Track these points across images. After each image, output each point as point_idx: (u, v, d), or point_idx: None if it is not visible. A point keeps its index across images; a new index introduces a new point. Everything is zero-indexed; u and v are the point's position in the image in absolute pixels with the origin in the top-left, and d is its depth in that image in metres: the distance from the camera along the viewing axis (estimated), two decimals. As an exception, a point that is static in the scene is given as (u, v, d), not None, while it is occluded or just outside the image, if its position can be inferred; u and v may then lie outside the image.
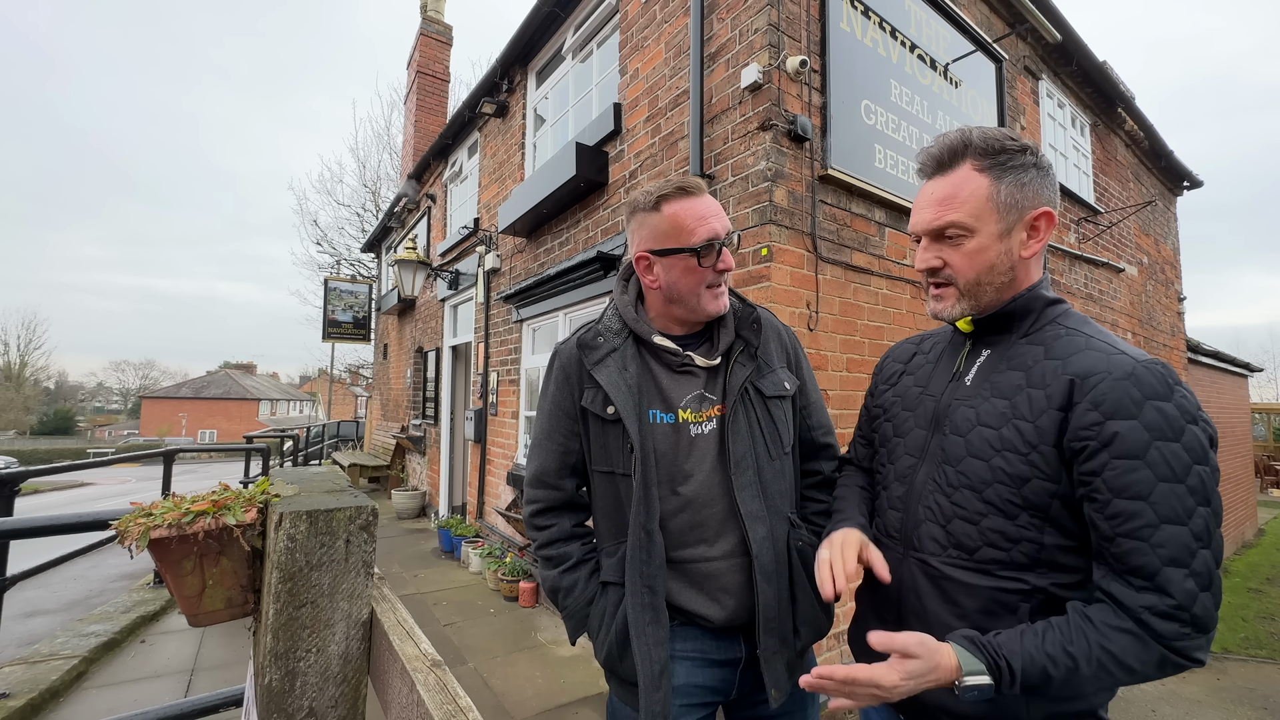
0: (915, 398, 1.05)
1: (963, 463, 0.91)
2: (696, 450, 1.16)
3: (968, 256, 0.92)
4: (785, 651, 1.13)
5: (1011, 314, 0.94)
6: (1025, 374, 0.89)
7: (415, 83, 10.54)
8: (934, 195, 0.94)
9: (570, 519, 1.23)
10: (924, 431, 1.00)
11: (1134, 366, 0.80)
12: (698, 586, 1.14)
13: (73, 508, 10.34)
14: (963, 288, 0.94)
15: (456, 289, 6.93)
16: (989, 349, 0.97)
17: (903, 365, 1.14)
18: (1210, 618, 0.75)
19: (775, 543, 1.14)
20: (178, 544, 0.99)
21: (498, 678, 3.26)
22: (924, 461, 0.98)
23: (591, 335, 1.21)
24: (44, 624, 4.22)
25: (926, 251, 0.96)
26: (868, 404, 1.21)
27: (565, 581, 1.17)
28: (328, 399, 26.89)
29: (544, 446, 1.23)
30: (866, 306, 3.19)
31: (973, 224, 0.90)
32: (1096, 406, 0.80)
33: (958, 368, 1.01)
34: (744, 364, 1.18)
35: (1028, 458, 0.84)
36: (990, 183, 0.90)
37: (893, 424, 1.08)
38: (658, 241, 1.15)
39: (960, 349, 1.02)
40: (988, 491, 0.88)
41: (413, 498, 7.95)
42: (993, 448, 0.88)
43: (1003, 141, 0.91)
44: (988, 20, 4.32)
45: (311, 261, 25.35)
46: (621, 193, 3.89)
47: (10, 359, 50.38)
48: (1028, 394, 0.87)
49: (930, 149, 0.96)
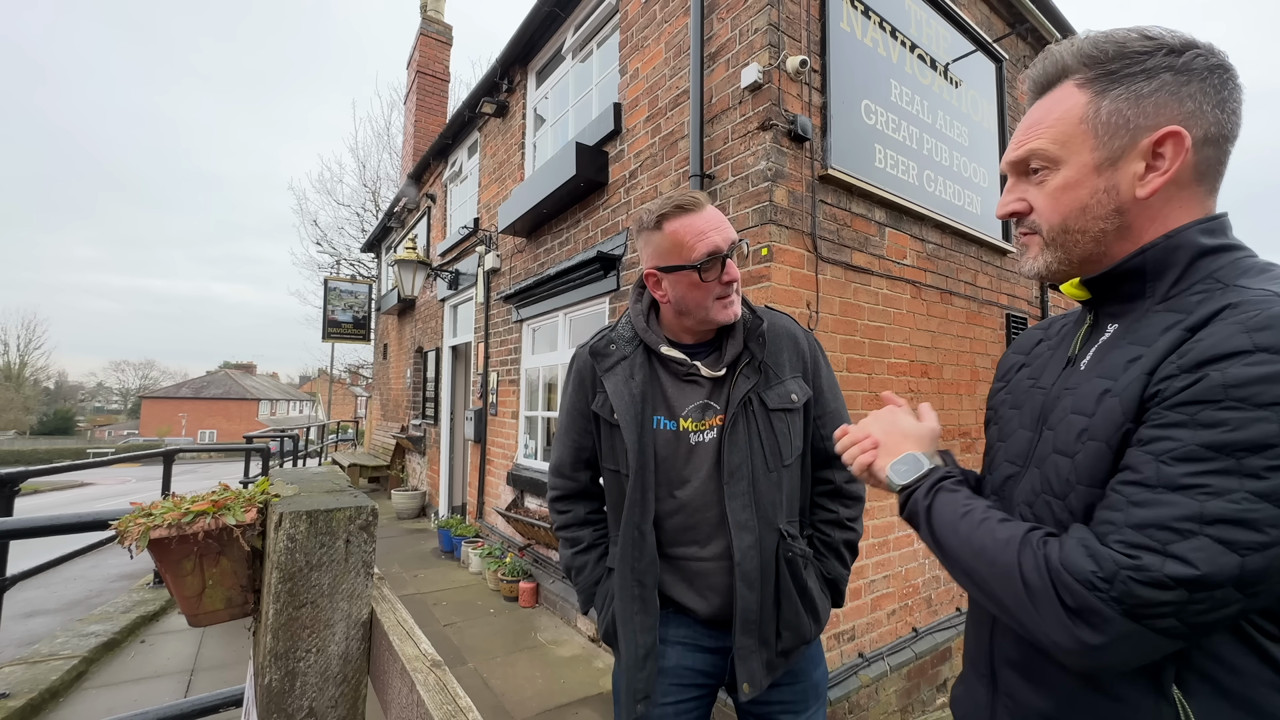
0: (1025, 392, 0.84)
1: (1046, 462, 0.72)
2: (695, 458, 1.21)
3: (1051, 196, 0.71)
4: (764, 651, 1.18)
5: (1135, 272, 0.69)
6: (1146, 345, 0.65)
7: (415, 83, 10.54)
8: (1030, 119, 0.74)
9: (585, 506, 1.35)
10: (1029, 433, 0.79)
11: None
12: (688, 582, 1.22)
13: (73, 508, 10.32)
14: (1047, 236, 0.73)
15: (456, 289, 6.93)
16: (1115, 322, 0.73)
17: (1023, 356, 0.92)
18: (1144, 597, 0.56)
19: (763, 551, 1.17)
20: (178, 544, 0.99)
21: (498, 678, 3.26)
22: (1026, 470, 0.77)
23: (604, 343, 1.28)
24: (44, 624, 4.22)
25: (1008, 193, 0.77)
26: (989, 405, 0.98)
27: (577, 562, 1.31)
28: (328, 399, 26.90)
29: (562, 441, 1.34)
30: (866, 306, 3.19)
31: (1057, 152, 0.70)
32: (1187, 354, 0.59)
33: (1073, 350, 0.79)
34: (748, 376, 1.20)
35: (1108, 442, 0.64)
36: (1090, 98, 0.68)
37: (999, 427, 0.88)
38: (662, 259, 1.19)
39: (1079, 326, 0.80)
40: (1071, 498, 0.67)
41: (413, 498, 7.95)
42: (1078, 440, 0.68)
43: (1123, 43, 0.67)
44: (988, 20, 4.32)
45: (311, 261, 25.44)
46: (621, 192, 3.89)
47: (10, 359, 50.42)
48: (1134, 366, 0.64)
49: (1032, 70, 0.76)
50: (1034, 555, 0.62)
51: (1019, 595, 0.62)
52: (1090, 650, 0.58)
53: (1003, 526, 0.68)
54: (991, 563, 0.65)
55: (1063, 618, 0.58)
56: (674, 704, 1.20)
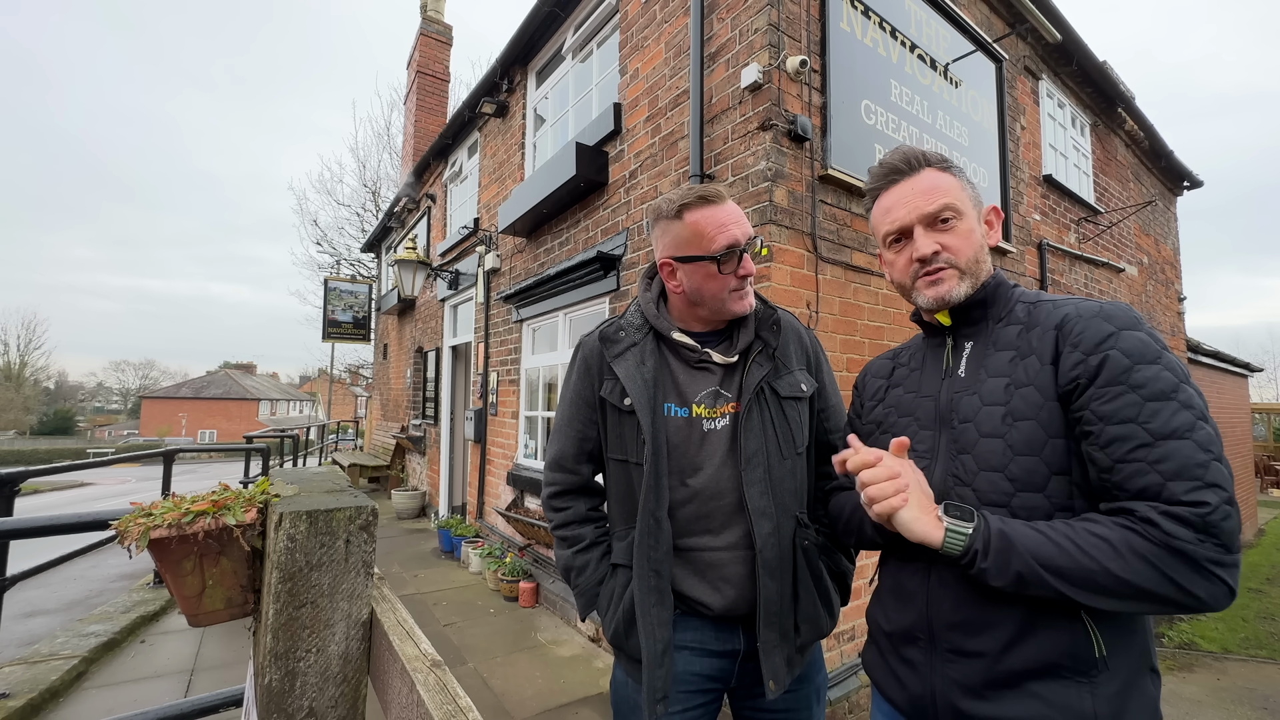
0: (911, 403, 1.05)
1: (977, 446, 0.90)
2: (708, 444, 1.19)
3: (963, 237, 0.96)
4: (785, 646, 1.15)
5: (985, 300, 0.99)
6: (1014, 349, 0.92)
7: (415, 83, 10.54)
8: (915, 189, 0.98)
9: (585, 503, 1.30)
10: (930, 432, 0.99)
11: (1101, 305, 0.86)
12: (700, 574, 1.18)
13: (73, 508, 10.33)
14: (964, 267, 0.96)
15: (456, 289, 6.93)
16: (970, 341, 1.00)
17: (885, 380, 1.14)
18: (1229, 530, 0.71)
19: (781, 539, 1.16)
20: (178, 544, 0.99)
21: (498, 678, 3.26)
22: (937, 461, 0.96)
23: (614, 329, 1.27)
24: (44, 624, 4.22)
25: (925, 238, 0.97)
26: (855, 426, 1.18)
27: (578, 561, 1.24)
28: (328, 399, 26.90)
29: (564, 433, 1.30)
30: (866, 306, 3.19)
31: (961, 207, 0.97)
32: (1076, 346, 0.84)
33: (946, 365, 1.02)
34: (761, 364, 1.20)
35: (1037, 419, 0.85)
36: (955, 178, 0.99)
37: (892, 434, 1.03)
38: (680, 249, 1.19)
39: (943, 348, 1.04)
40: (1011, 467, 0.86)
41: (413, 498, 7.95)
42: (1004, 423, 0.88)
43: (943, 155, 1.02)
44: (988, 20, 4.32)
45: (311, 261, 25.43)
46: (621, 192, 3.89)
47: (10, 359, 50.39)
48: (1022, 364, 0.90)
49: (891, 160, 1.02)
50: (1145, 543, 0.73)
51: (1157, 580, 0.73)
52: (1231, 592, 0.72)
53: (1089, 535, 0.77)
54: (1114, 570, 0.74)
55: (1202, 581, 0.72)
56: (680, 712, 1.16)
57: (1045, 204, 4.91)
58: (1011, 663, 0.84)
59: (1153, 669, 0.86)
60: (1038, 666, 0.83)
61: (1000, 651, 0.85)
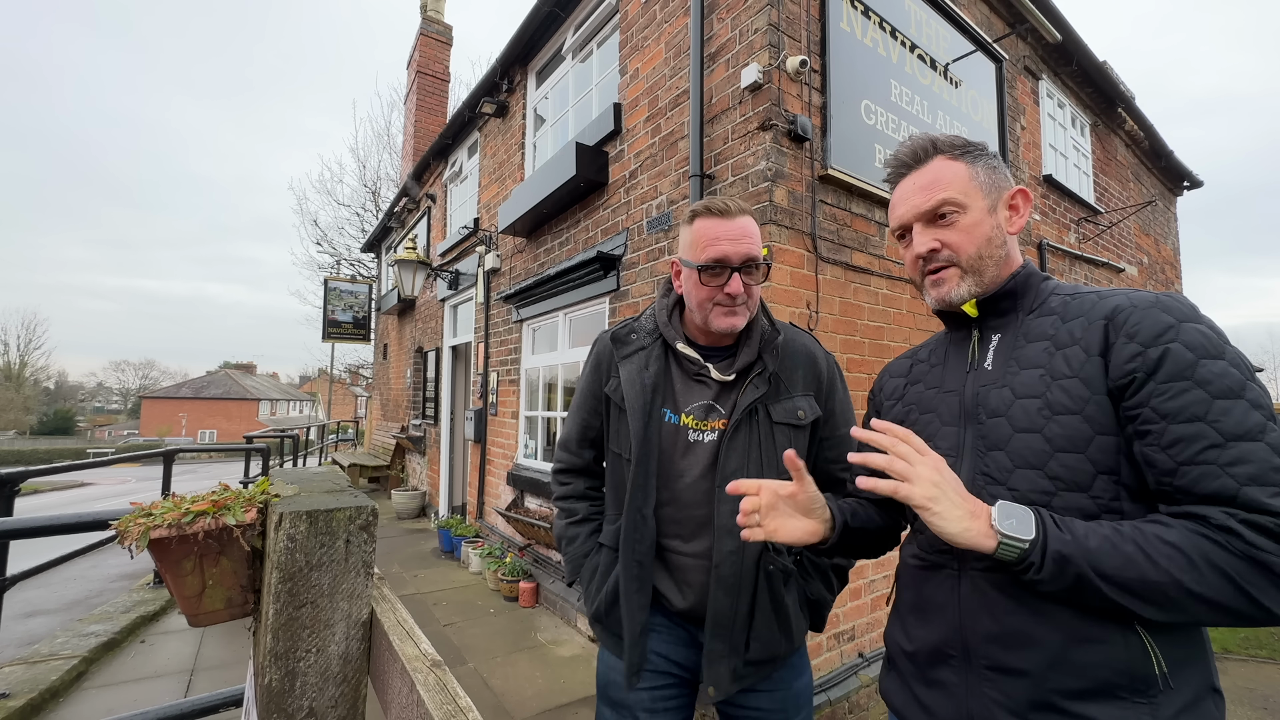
0: (932, 399, 0.97)
1: (1011, 442, 0.83)
2: (691, 455, 1.23)
3: (965, 232, 0.91)
4: (732, 658, 1.18)
5: (1015, 291, 0.92)
6: (1049, 341, 0.85)
7: (415, 83, 10.54)
8: (917, 184, 0.94)
9: (584, 481, 1.42)
10: (954, 428, 0.92)
11: (1158, 296, 0.78)
12: (669, 573, 1.25)
13: (73, 508, 10.34)
14: (965, 264, 0.91)
15: (456, 289, 6.93)
16: (998, 333, 0.92)
17: (903, 378, 1.08)
18: None
19: (744, 559, 1.17)
20: (178, 544, 0.99)
21: (498, 678, 3.26)
22: (963, 458, 0.88)
23: (626, 331, 1.34)
24: (44, 624, 4.22)
25: (922, 236, 0.93)
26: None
27: (570, 532, 1.37)
28: (328, 399, 26.89)
29: (573, 418, 1.41)
30: (866, 306, 3.19)
31: (964, 200, 0.91)
32: (1133, 338, 0.76)
33: (971, 358, 0.94)
34: (757, 385, 1.22)
35: (1082, 413, 0.77)
36: (966, 166, 0.93)
37: (917, 431, 0.93)
38: (684, 251, 1.25)
39: (968, 340, 0.96)
40: (1051, 465, 0.78)
41: (413, 498, 7.95)
42: (1041, 416, 0.80)
43: (962, 138, 0.95)
44: (988, 20, 4.32)
45: (311, 261, 25.44)
46: (621, 193, 3.89)
47: (10, 359, 50.39)
48: (1063, 355, 0.82)
49: (898, 152, 0.98)
50: (1225, 554, 0.66)
51: (1232, 593, 0.66)
52: None
53: (1160, 543, 0.70)
54: (1185, 582, 0.67)
55: (1278, 595, 0.65)
56: (649, 690, 1.23)
57: (1045, 204, 4.92)
58: (1060, 681, 0.76)
59: (1214, 689, 0.77)
60: (1092, 685, 0.74)
61: (1047, 668, 0.77)
